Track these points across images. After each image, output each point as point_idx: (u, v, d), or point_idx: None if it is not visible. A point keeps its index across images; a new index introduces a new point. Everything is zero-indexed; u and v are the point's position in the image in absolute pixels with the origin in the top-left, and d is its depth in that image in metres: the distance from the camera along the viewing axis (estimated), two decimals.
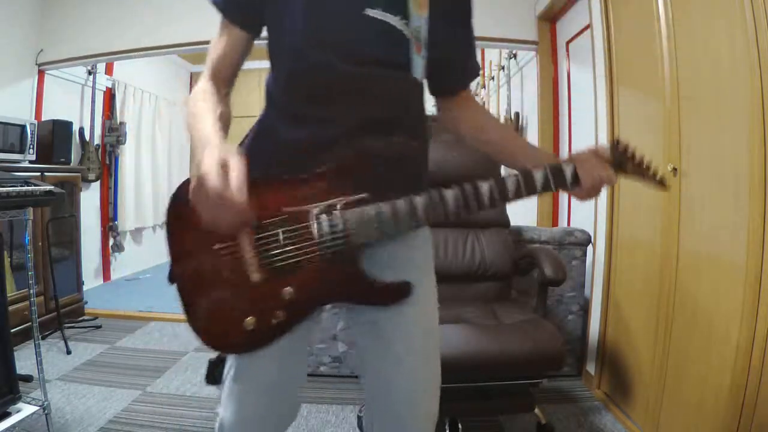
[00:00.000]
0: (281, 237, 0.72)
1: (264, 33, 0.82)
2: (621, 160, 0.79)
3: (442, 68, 0.85)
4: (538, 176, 0.76)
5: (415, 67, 0.77)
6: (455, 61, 0.88)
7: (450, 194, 0.74)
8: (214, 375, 0.82)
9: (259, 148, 0.81)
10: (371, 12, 0.74)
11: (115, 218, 4.20)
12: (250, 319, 0.72)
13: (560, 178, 0.76)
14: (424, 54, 0.78)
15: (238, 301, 0.73)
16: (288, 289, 0.72)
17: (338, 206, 0.72)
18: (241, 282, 0.72)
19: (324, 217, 0.72)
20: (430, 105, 0.91)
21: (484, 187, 0.75)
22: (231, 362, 0.81)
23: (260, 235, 0.71)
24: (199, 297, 0.75)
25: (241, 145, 0.86)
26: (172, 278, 0.77)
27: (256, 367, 0.78)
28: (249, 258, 0.71)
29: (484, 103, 4.37)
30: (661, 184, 0.82)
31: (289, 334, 0.76)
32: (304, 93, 0.77)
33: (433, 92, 0.92)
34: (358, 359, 0.89)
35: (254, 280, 0.72)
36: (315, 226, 0.72)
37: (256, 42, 0.82)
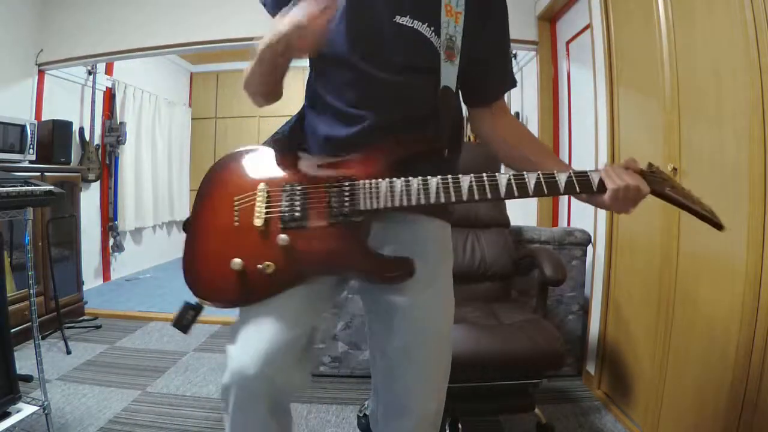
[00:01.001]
0: (296, 195, 0.76)
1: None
2: (653, 180, 0.77)
3: (476, 78, 0.87)
4: (562, 177, 0.75)
5: (445, 74, 0.80)
6: (489, 72, 0.90)
7: (466, 179, 0.75)
8: (182, 319, 0.78)
9: (299, 139, 0.88)
10: (400, 19, 0.78)
11: (115, 218, 4.20)
12: (237, 260, 0.73)
13: (585, 182, 0.75)
14: (458, 62, 0.81)
15: (233, 243, 0.75)
16: (283, 236, 0.74)
17: (355, 178, 0.76)
18: (243, 227, 0.76)
19: (339, 184, 0.76)
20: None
21: (503, 178, 0.75)
22: (235, 327, 0.78)
23: (276, 189, 0.77)
24: (201, 242, 0.79)
25: (275, 136, 0.92)
26: (185, 227, 0.82)
27: (256, 326, 0.74)
28: (258, 206, 0.76)
29: None
30: (712, 221, 0.76)
31: (293, 299, 0.75)
32: (340, 95, 0.81)
33: (466, 101, 0.93)
34: (371, 346, 0.90)
35: (256, 224, 0.75)
36: (329, 191, 0.76)
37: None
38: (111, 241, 4.19)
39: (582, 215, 2.49)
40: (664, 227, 1.56)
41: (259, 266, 0.73)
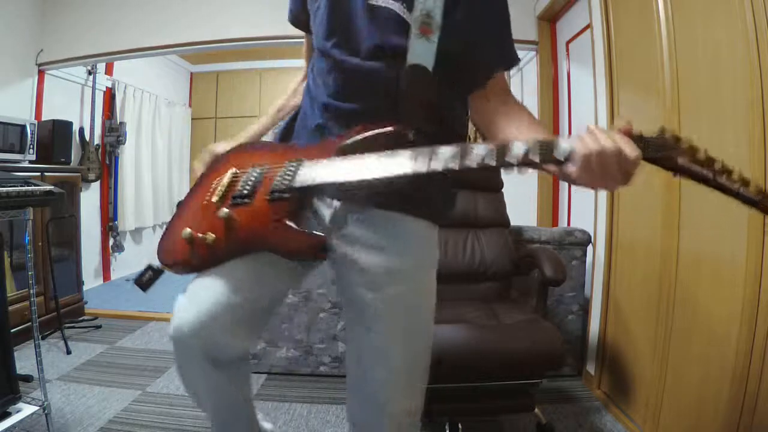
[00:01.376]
0: (253, 176, 0.82)
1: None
2: (656, 145, 0.62)
3: (462, 56, 0.80)
4: (518, 145, 0.64)
5: (416, 52, 0.75)
6: (476, 48, 0.81)
7: (405, 153, 0.70)
8: (142, 277, 0.87)
9: (291, 126, 0.95)
10: (374, 1, 0.77)
11: (115, 218, 4.20)
12: (186, 229, 0.80)
13: (547, 151, 0.62)
14: (436, 39, 0.75)
15: (193, 217, 0.84)
16: (223, 210, 0.78)
17: (303, 160, 0.79)
18: (207, 204, 0.83)
19: (286, 165, 0.80)
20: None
21: (446, 150, 0.68)
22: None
23: (242, 172, 0.84)
24: (175, 218, 0.88)
25: (275, 129, 1.02)
26: (178, 206, 0.92)
27: (201, 287, 0.78)
28: (222, 185, 0.83)
29: None
30: (761, 205, 0.57)
31: (238, 268, 0.78)
32: (324, 84, 0.84)
33: (462, 88, 0.85)
34: (346, 341, 0.91)
35: (212, 200, 0.82)
36: (277, 172, 0.80)
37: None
38: (111, 241, 4.19)
39: (582, 215, 2.49)
40: (665, 227, 1.56)
41: (200, 235, 0.78)
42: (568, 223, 2.69)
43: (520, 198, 3.17)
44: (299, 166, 0.78)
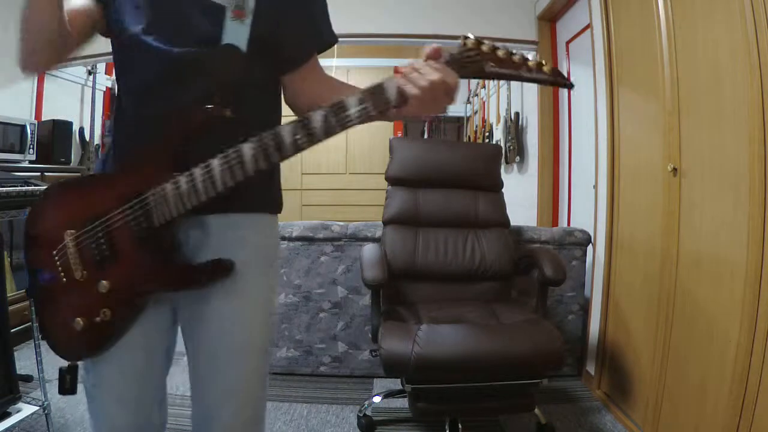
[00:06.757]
0: (99, 232, 0.72)
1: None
2: (464, 63, 0.66)
3: (277, 39, 0.79)
4: (352, 101, 0.66)
5: (230, 34, 0.74)
6: (289, 30, 0.81)
7: (247, 148, 0.67)
8: (64, 384, 0.82)
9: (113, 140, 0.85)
10: None
11: None
12: (78, 320, 0.73)
13: (379, 97, 0.66)
14: (249, 22, 0.74)
15: (69, 302, 0.74)
16: (103, 283, 0.72)
17: (141, 193, 0.71)
18: (69, 282, 0.73)
19: (130, 205, 0.71)
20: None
21: (286, 130, 0.67)
22: (85, 372, 0.81)
23: (81, 231, 0.73)
24: (46, 304, 0.78)
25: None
26: (29, 292, 0.79)
27: (104, 375, 0.79)
28: (72, 256, 0.73)
29: (483, 102, 4.37)
30: (558, 82, 0.69)
31: (133, 339, 0.75)
32: (142, 84, 0.78)
33: (276, 69, 0.84)
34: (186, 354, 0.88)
35: (77, 277, 0.73)
36: (124, 216, 0.72)
37: None
38: None
39: (582, 215, 2.49)
40: (665, 227, 1.56)
41: (97, 319, 0.73)
42: (568, 223, 2.69)
43: (520, 198, 3.17)
44: (143, 202, 0.71)
